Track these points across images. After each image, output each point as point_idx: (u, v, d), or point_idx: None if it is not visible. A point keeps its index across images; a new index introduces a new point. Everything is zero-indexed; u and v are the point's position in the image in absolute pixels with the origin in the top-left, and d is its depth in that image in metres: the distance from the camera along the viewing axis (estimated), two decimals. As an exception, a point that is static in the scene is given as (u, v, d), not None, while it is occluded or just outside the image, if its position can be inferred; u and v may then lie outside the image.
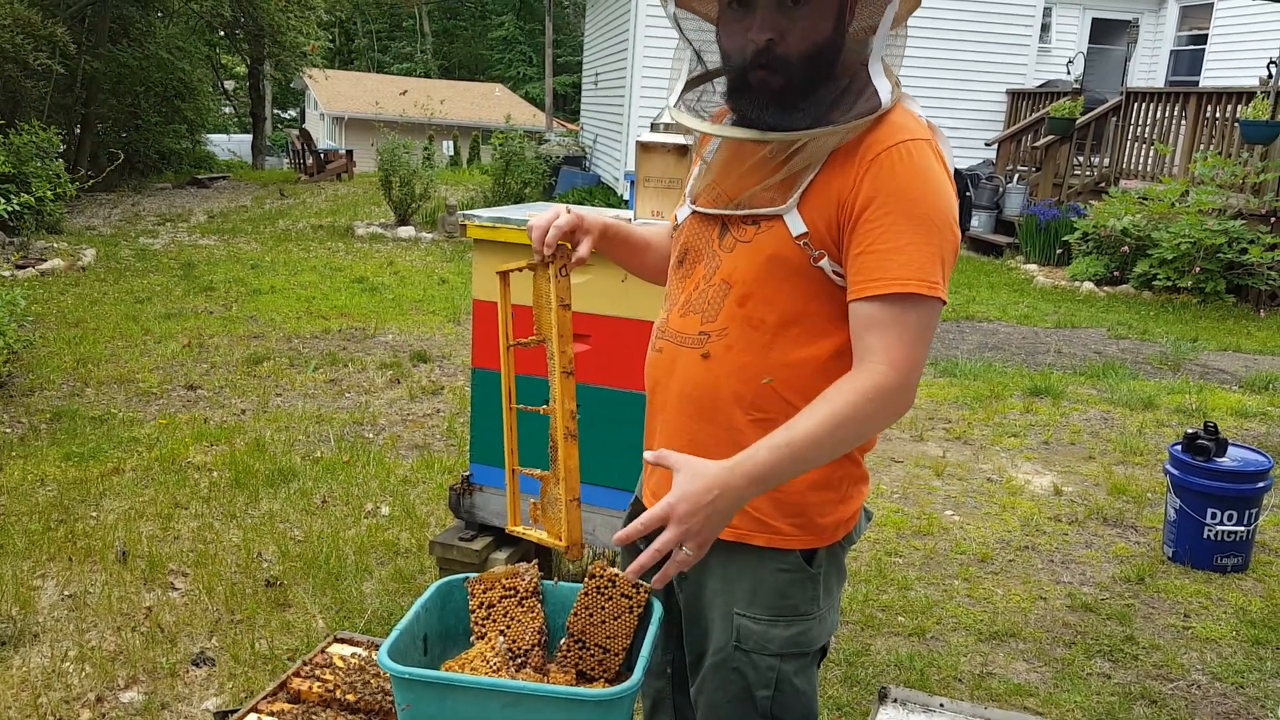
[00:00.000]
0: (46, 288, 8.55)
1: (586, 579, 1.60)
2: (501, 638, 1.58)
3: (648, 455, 1.46)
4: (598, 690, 1.45)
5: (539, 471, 1.69)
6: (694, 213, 1.65)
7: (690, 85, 1.63)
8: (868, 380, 1.43)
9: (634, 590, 1.59)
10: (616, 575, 1.60)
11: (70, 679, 2.98)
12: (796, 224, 1.50)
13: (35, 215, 9.59)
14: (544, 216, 1.61)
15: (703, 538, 1.39)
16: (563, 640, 1.62)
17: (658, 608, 1.61)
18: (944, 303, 1.48)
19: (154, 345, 6.85)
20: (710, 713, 1.69)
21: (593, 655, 1.59)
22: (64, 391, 5.79)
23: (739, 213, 1.55)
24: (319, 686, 1.77)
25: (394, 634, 1.51)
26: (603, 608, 1.59)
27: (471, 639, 1.64)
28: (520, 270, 1.72)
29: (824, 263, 1.50)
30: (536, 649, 1.59)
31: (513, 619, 1.62)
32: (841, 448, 1.46)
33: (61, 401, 5.60)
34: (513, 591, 1.64)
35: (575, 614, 1.60)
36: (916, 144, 1.47)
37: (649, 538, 1.75)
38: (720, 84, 1.61)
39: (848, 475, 1.62)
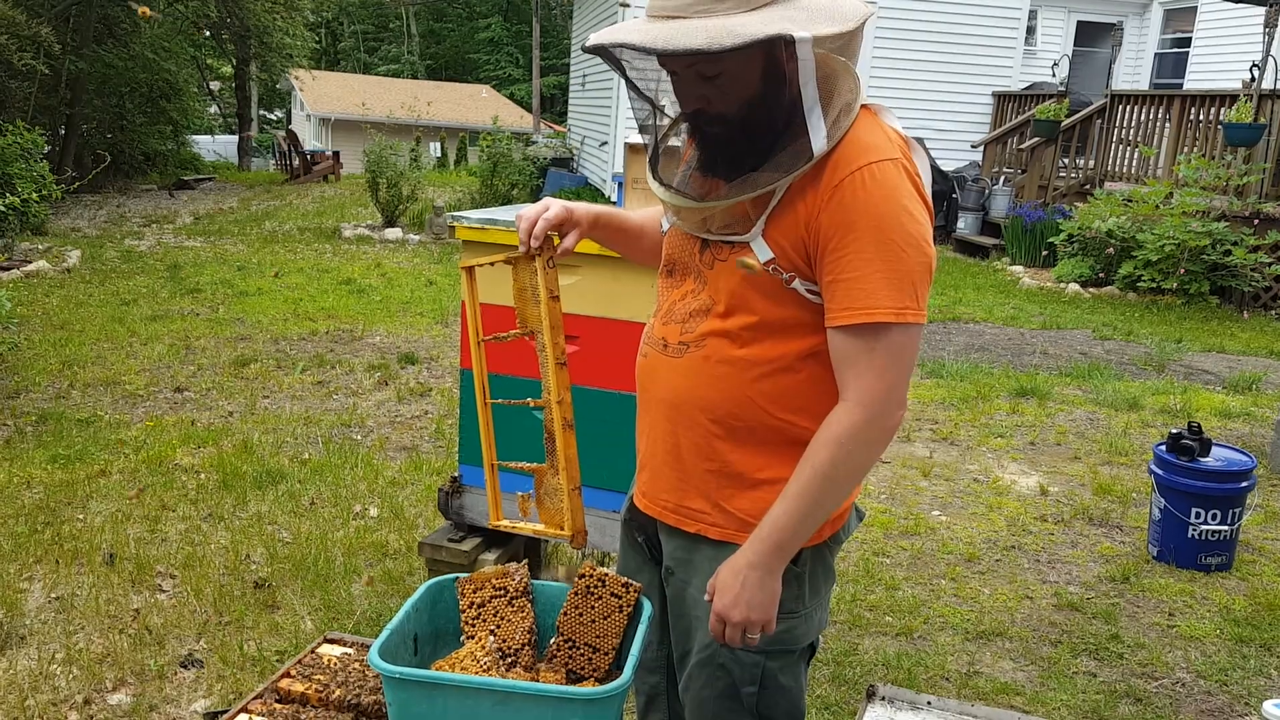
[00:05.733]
0: (31, 289, 8.51)
1: (576, 579, 1.62)
2: (492, 637, 1.59)
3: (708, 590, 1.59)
4: (587, 689, 1.46)
5: (530, 465, 1.70)
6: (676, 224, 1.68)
7: (657, 147, 1.66)
8: (839, 426, 1.49)
9: (623, 590, 1.60)
10: (606, 575, 1.61)
11: (58, 681, 2.97)
12: (763, 250, 1.51)
13: (20, 217, 9.53)
14: (533, 208, 1.65)
15: (755, 616, 1.53)
16: (553, 640, 1.63)
17: (647, 606, 1.62)
18: (920, 324, 1.49)
19: (140, 347, 6.82)
20: (697, 709, 1.70)
21: (583, 654, 1.60)
22: (50, 394, 5.76)
23: (712, 237, 1.58)
24: (309, 687, 1.77)
25: (384, 634, 1.51)
26: (592, 607, 1.60)
27: (462, 639, 1.64)
28: (493, 264, 1.73)
29: (796, 284, 1.52)
30: (527, 648, 1.60)
31: (503, 619, 1.63)
32: (842, 490, 1.53)
33: (47, 404, 5.57)
34: (503, 591, 1.65)
35: (565, 614, 1.61)
36: (882, 166, 1.46)
37: (650, 546, 1.78)
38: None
39: None
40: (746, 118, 1.48)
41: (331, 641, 1.94)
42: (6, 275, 8.81)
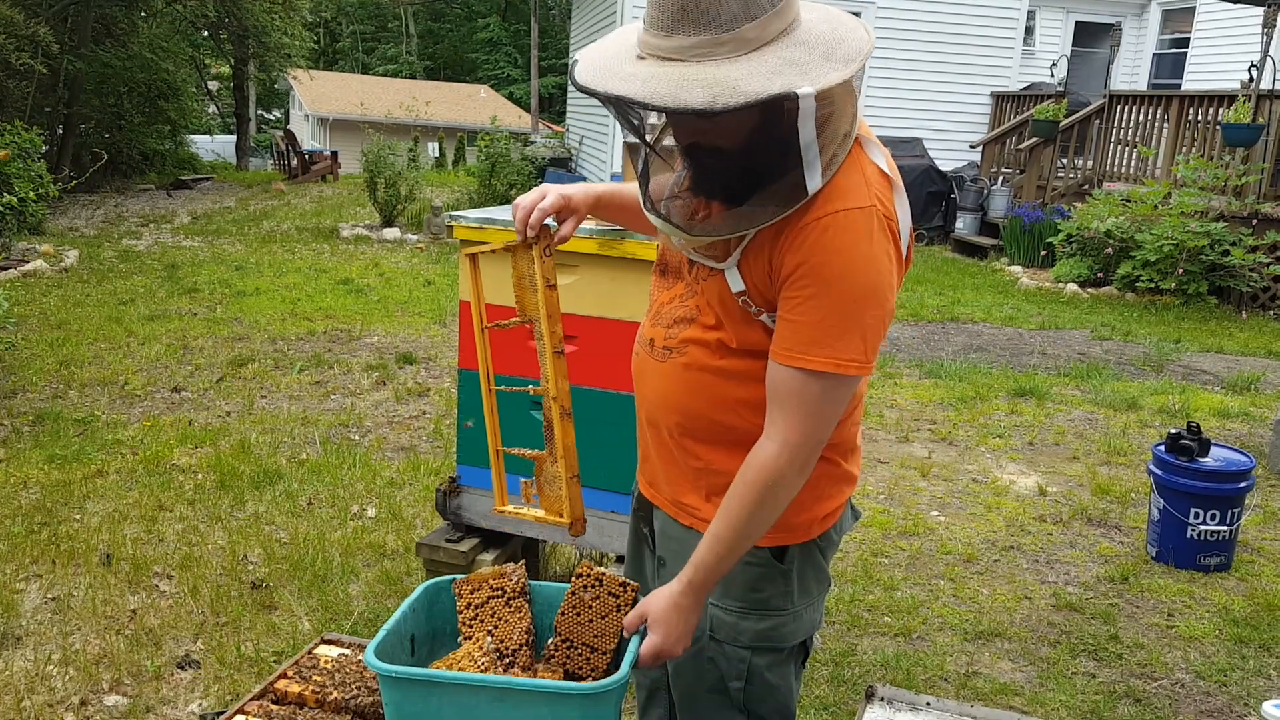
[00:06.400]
0: (29, 289, 8.49)
1: (573, 578, 1.61)
2: (489, 638, 1.59)
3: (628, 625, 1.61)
4: (583, 684, 1.45)
5: (531, 451, 1.71)
6: None
7: (646, 177, 1.64)
8: (761, 467, 1.50)
9: (621, 589, 1.60)
10: (603, 574, 1.60)
11: (54, 682, 2.96)
12: (736, 281, 1.52)
13: (17, 216, 9.51)
14: (529, 197, 1.66)
15: (685, 646, 1.59)
16: (550, 640, 1.62)
17: (646, 607, 1.61)
18: (862, 376, 1.49)
19: (138, 347, 6.81)
20: (686, 702, 1.73)
21: (580, 654, 1.60)
22: (47, 394, 5.75)
23: (694, 258, 1.59)
24: (306, 688, 1.76)
25: (381, 634, 1.51)
26: (590, 607, 1.59)
27: (459, 640, 1.64)
28: (493, 251, 1.73)
29: (764, 318, 1.53)
30: (524, 648, 1.59)
31: (500, 619, 1.62)
32: (765, 526, 1.54)
33: (44, 404, 5.56)
34: (500, 592, 1.64)
35: (562, 613, 1.61)
36: (849, 214, 1.43)
37: (654, 536, 1.79)
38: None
39: (824, 474, 1.64)
40: (743, 153, 1.47)
41: (329, 642, 1.94)
42: (4, 275, 8.79)
